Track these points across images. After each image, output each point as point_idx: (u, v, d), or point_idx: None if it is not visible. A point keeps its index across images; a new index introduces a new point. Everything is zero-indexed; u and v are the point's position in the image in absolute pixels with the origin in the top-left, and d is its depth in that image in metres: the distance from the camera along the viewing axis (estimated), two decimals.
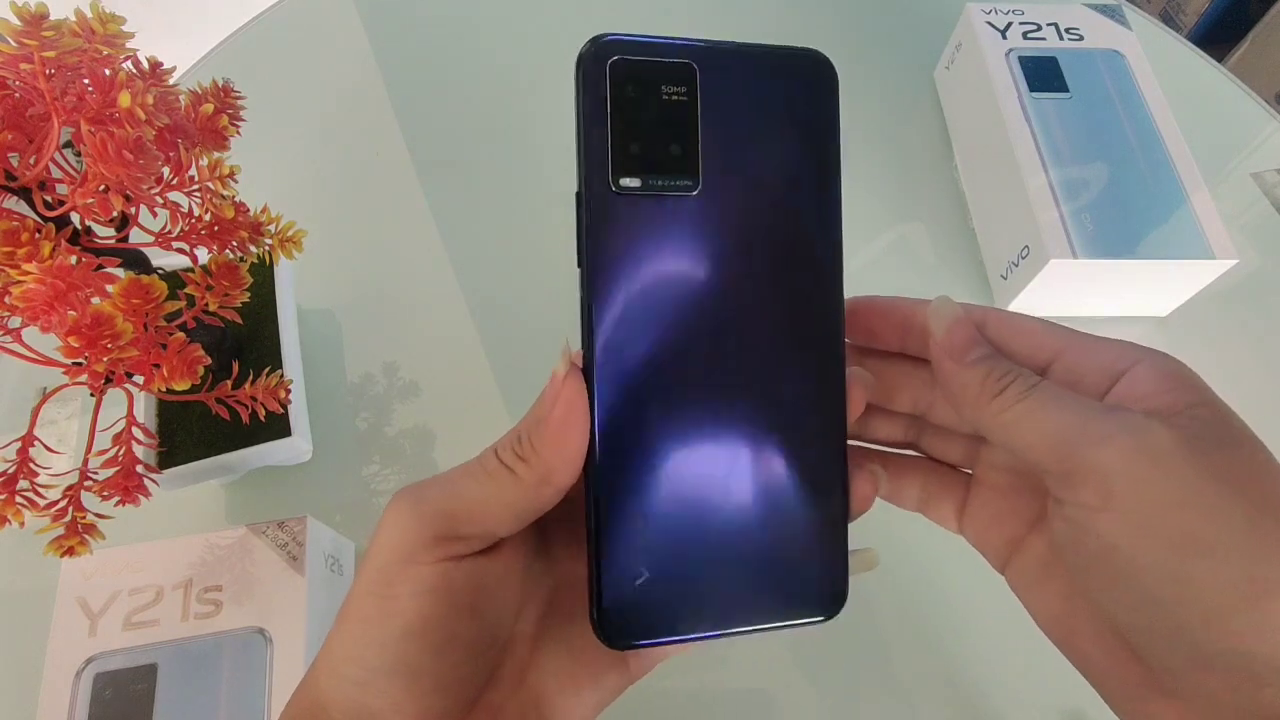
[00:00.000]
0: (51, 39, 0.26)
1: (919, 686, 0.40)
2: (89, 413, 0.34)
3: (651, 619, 0.20)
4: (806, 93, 0.21)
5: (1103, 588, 0.19)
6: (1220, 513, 0.17)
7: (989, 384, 0.21)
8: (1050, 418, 0.19)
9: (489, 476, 0.20)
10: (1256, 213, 0.56)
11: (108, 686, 0.34)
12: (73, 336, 0.27)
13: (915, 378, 0.24)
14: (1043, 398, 0.20)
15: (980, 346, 0.22)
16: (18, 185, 0.28)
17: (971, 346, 0.22)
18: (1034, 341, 0.22)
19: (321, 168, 0.58)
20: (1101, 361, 0.21)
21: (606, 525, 0.20)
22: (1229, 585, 0.17)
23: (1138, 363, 0.20)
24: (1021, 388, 0.20)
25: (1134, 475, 0.18)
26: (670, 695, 0.40)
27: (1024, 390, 0.20)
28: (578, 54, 0.19)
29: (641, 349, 0.20)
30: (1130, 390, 0.20)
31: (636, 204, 0.19)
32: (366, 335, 0.51)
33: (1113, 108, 0.51)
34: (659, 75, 0.20)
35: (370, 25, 0.66)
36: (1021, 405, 0.20)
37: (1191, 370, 0.21)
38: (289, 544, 0.37)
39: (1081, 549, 0.19)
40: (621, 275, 0.19)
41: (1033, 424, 0.20)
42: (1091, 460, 0.18)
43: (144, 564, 0.37)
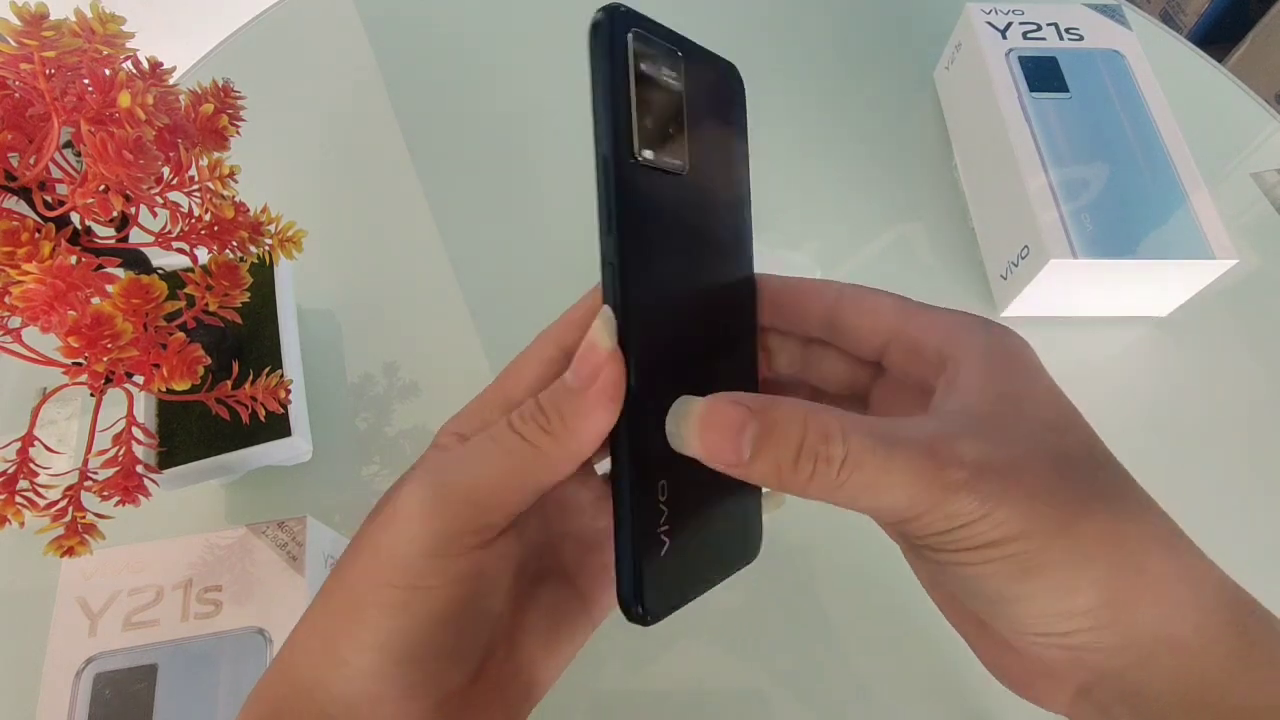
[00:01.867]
0: (51, 39, 0.26)
1: (918, 686, 0.40)
2: (89, 413, 0.34)
3: (673, 589, 0.21)
4: (736, 95, 0.24)
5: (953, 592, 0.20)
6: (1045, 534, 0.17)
7: (788, 479, 0.18)
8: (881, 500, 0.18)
9: (508, 454, 0.19)
10: (1256, 213, 0.56)
11: (108, 686, 0.34)
12: (73, 336, 0.27)
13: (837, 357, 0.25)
14: (864, 479, 0.17)
15: (745, 430, 0.18)
16: (18, 185, 0.28)
17: (735, 444, 0.18)
18: (876, 323, 0.22)
19: (321, 168, 0.58)
20: (930, 343, 0.21)
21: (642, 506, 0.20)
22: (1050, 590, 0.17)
23: (961, 349, 0.20)
24: (831, 473, 0.17)
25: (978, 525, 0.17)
26: (670, 695, 0.40)
27: (836, 475, 0.17)
28: (594, 21, 0.19)
29: (658, 318, 0.20)
30: (951, 385, 0.20)
31: (649, 176, 0.20)
32: (366, 335, 0.51)
33: (1113, 108, 0.51)
34: (662, 57, 0.20)
35: (370, 25, 0.66)
36: (845, 491, 0.18)
37: (1015, 347, 0.21)
38: (289, 544, 0.37)
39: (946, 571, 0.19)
40: (644, 244, 0.20)
41: (863, 508, 0.18)
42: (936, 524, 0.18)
43: (144, 564, 0.37)
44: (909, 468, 0.17)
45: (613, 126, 0.19)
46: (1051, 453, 0.18)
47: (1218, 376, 0.50)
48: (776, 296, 0.24)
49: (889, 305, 0.22)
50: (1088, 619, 0.17)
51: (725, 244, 0.23)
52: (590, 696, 0.40)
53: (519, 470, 0.19)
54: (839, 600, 0.42)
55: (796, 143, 0.59)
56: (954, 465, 0.17)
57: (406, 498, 0.20)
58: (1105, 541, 0.17)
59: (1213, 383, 0.49)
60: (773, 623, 0.42)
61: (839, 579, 0.43)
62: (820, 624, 0.42)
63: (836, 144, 0.59)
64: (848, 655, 0.41)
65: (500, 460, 0.19)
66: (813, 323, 0.24)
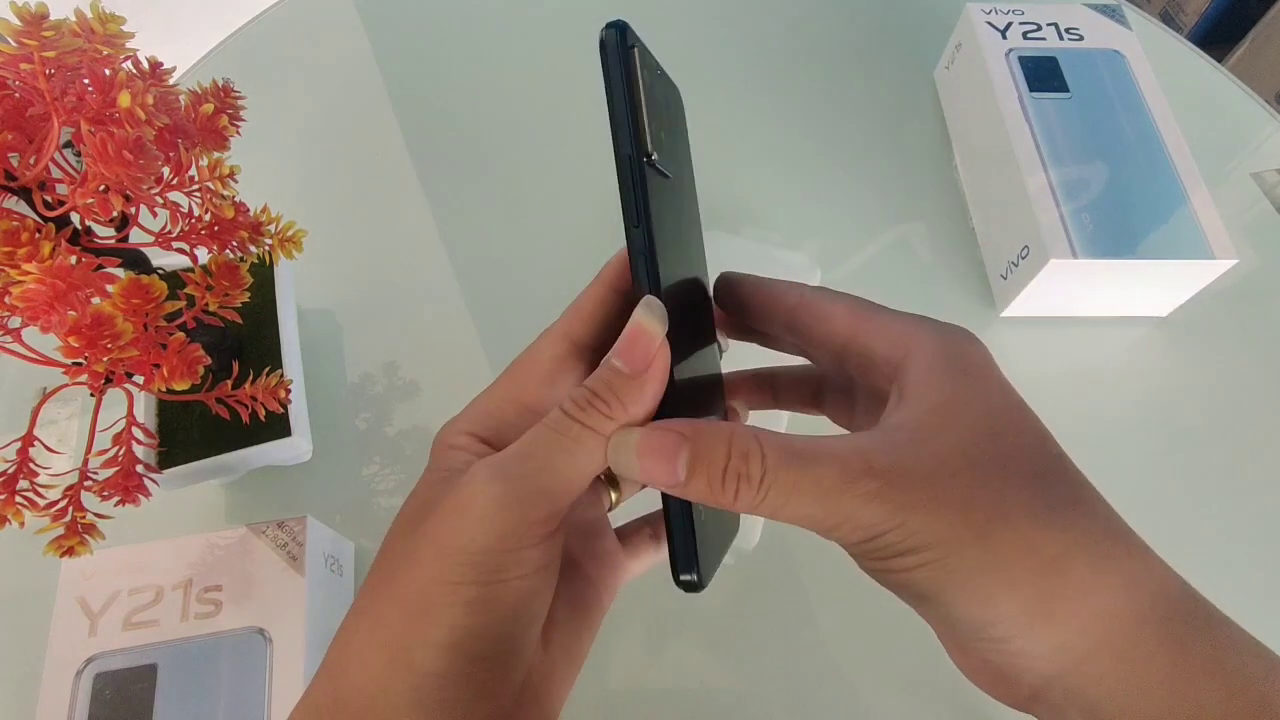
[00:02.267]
0: (51, 39, 0.26)
1: (917, 685, 0.40)
2: (89, 413, 0.34)
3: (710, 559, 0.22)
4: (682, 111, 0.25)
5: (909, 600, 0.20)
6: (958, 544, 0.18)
7: (719, 496, 0.19)
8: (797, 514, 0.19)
9: (575, 442, 0.20)
10: (1256, 213, 0.56)
11: (108, 686, 0.34)
12: (73, 336, 0.27)
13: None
14: (779, 495, 0.18)
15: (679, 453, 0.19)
16: (18, 185, 0.28)
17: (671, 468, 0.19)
18: (833, 327, 0.22)
19: (321, 168, 0.58)
20: (880, 351, 0.21)
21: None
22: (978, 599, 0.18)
23: (909, 354, 0.21)
24: (751, 492, 0.19)
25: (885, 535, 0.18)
26: (670, 695, 0.40)
27: (755, 492, 0.19)
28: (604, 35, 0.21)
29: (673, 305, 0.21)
30: (899, 394, 0.20)
31: (655, 177, 0.21)
32: (366, 335, 0.51)
33: (1113, 108, 0.51)
34: (653, 71, 0.22)
35: (370, 25, 0.66)
36: (765, 507, 0.19)
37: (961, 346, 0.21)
38: (289, 544, 0.37)
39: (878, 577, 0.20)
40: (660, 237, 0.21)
41: (784, 520, 0.19)
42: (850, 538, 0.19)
43: (144, 564, 0.37)
44: (820, 484, 0.18)
45: (633, 128, 0.20)
46: (977, 460, 0.18)
47: (1218, 376, 0.50)
48: (748, 295, 0.24)
49: (842, 311, 0.22)
50: (1014, 626, 0.18)
51: (697, 242, 0.25)
52: (591, 696, 0.40)
53: (586, 458, 0.20)
54: (840, 600, 0.42)
55: (796, 142, 0.59)
56: (865, 477, 0.18)
57: (476, 493, 0.19)
58: (1021, 549, 0.17)
59: (1213, 383, 0.49)
60: (773, 623, 0.42)
61: (840, 579, 0.43)
62: (820, 624, 0.42)
63: (836, 144, 0.59)
64: (848, 655, 0.41)
65: (568, 448, 0.20)
66: (776, 325, 0.24)
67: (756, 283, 0.24)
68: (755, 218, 0.55)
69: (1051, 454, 0.20)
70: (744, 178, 0.56)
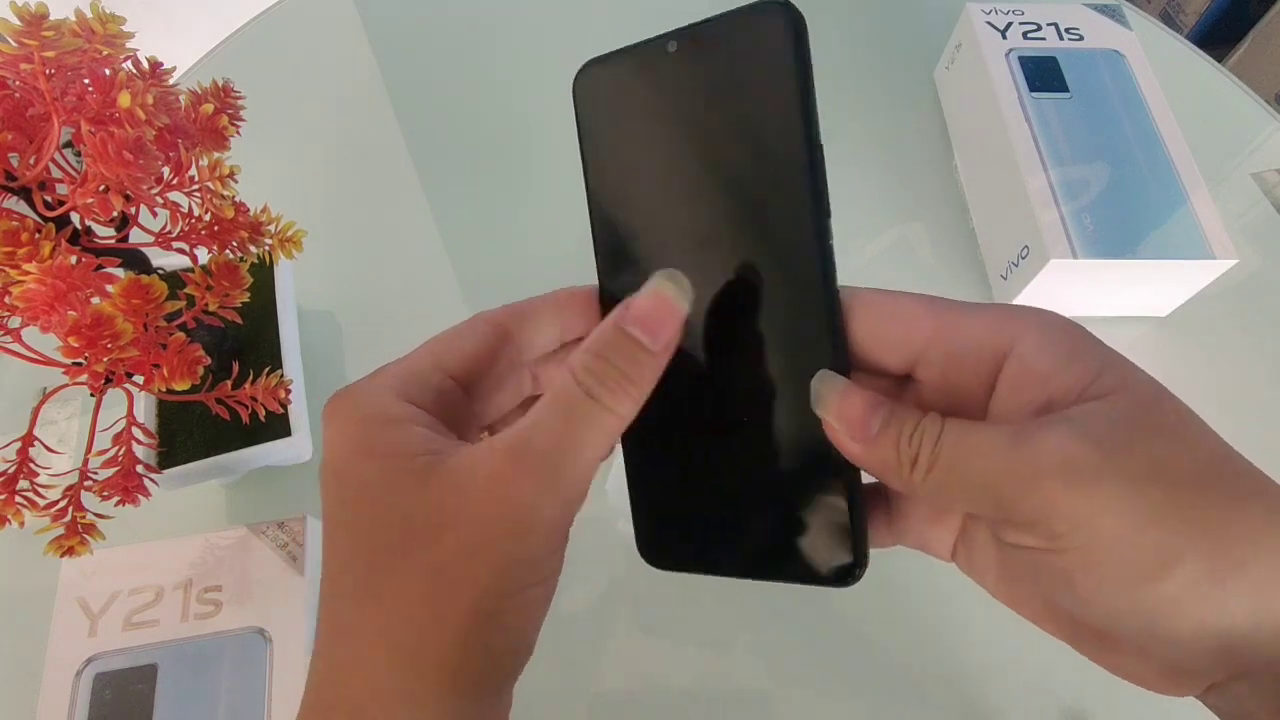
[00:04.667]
0: (51, 39, 0.26)
1: (918, 686, 0.40)
2: (89, 413, 0.34)
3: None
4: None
5: (1060, 600, 0.19)
6: (1161, 522, 0.16)
7: (902, 456, 0.19)
8: (969, 475, 0.18)
9: (591, 426, 0.19)
10: (1256, 213, 0.56)
11: (108, 686, 0.34)
12: (73, 336, 0.27)
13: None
14: (954, 454, 0.18)
15: (875, 413, 0.19)
16: (18, 185, 0.28)
17: (866, 421, 0.19)
18: (906, 327, 0.20)
19: (321, 168, 0.58)
20: (978, 340, 0.19)
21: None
22: (1192, 585, 0.16)
23: (1018, 339, 0.19)
24: (929, 450, 0.18)
25: (1071, 518, 0.17)
26: (669, 695, 0.40)
27: (932, 452, 0.18)
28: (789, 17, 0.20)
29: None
30: (1023, 375, 0.19)
31: None
32: (366, 335, 0.51)
33: (1113, 108, 0.51)
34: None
35: (370, 25, 0.66)
36: (936, 471, 0.18)
37: (1075, 326, 0.19)
38: (289, 544, 0.37)
39: (1034, 576, 0.19)
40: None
41: (954, 487, 0.18)
42: (1025, 512, 0.17)
43: (144, 564, 0.37)
44: (993, 441, 0.17)
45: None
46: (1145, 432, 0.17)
47: (1218, 376, 0.50)
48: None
49: (922, 311, 0.20)
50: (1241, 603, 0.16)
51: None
52: (590, 697, 0.40)
53: (604, 438, 0.19)
54: (840, 600, 0.42)
55: None
56: (1041, 430, 0.17)
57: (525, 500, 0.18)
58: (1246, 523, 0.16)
59: (1213, 383, 0.49)
60: (773, 622, 0.42)
61: None
62: (821, 624, 0.42)
63: (836, 144, 0.58)
64: (849, 655, 0.41)
65: (586, 434, 0.19)
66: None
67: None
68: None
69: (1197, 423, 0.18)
70: None
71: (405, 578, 0.18)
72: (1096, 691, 0.39)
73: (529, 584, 0.19)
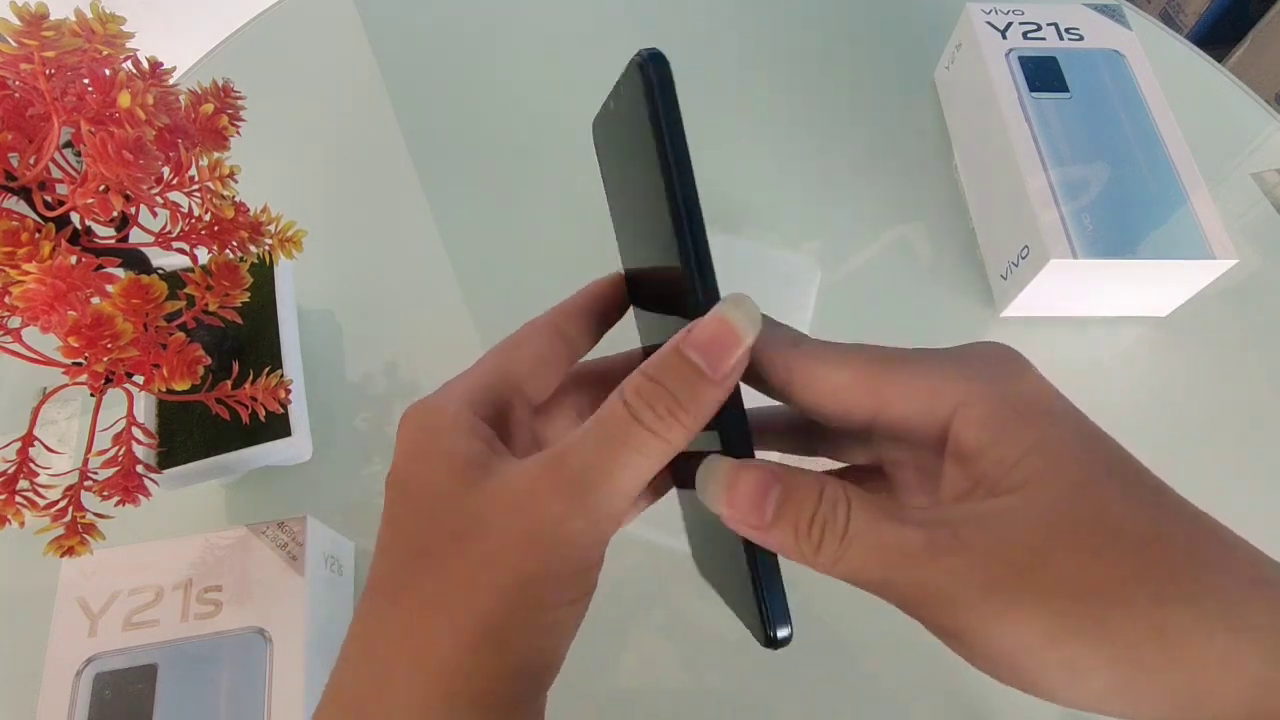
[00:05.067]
0: (51, 39, 0.26)
1: (918, 686, 0.40)
2: (89, 413, 0.34)
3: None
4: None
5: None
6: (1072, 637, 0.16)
7: (803, 544, 0.18)
8: (879, 579, 0.17)
9: (638, 452, 0.18)
10: (1256, 213, 0.56)
11: (108, 686, 0.34)
12: (73, 336, 0.27)
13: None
14: (862, 553, 0.17)
15: (767, 497, 0.18)
16: (18, 185, 0.28)
17: (760, 506, 0.18)
18: (847, 401, 0.19)
19: (321, 168, 0.58)
20: (919, 410, 0.18)
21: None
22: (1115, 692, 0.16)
23: (958, 407, 0.18)
24: (834, 544, 0.17)
25: (984, 637, 0.16)
26: (668, 695, 0.40)
27: (838, 544, 0.17)
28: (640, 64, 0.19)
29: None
30: (956, 450, 0.18)
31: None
32: (366, 335, 0.51)
33: (1113, 108, 0.51)
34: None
35: (370, 25, 0.66)
36: (844, 564, 0.17)
37: (1014, 386, 0.18)
38: (289, 544, 0.37)
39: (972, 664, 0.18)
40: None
41: (866, 585, 0.18)
42: (938, 625, 0.17)
43: (144, 564, 0.37)
44: (903, 548, 0.17)
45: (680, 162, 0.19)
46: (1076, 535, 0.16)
47: (1218, 376, 0.50)
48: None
49: (848, 380, 0.19)
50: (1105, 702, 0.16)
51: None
52: (593, 697, 0.40)
53: (648, 466, 0.18)
54: (841, 601, 0.42)
55: (797, 143, 0.59)
56: (951, 553, 0.16)
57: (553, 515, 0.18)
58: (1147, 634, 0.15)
59: (1213, 383, 0.49)
60: None
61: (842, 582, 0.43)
62: (822, 624, 0.42)
63: (837, 144, 0.59)
64: (850, 656, 0.41)
65: (632, 460, 0.18)
66: (771, 387, 0.20)
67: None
68: (755, 218, 0.55)
69: (1160, 499, 0.17)
70: (744, 178, 0.56)
71: (427, 581, 0.18)
72: None
73: (551, 603, 0.18)
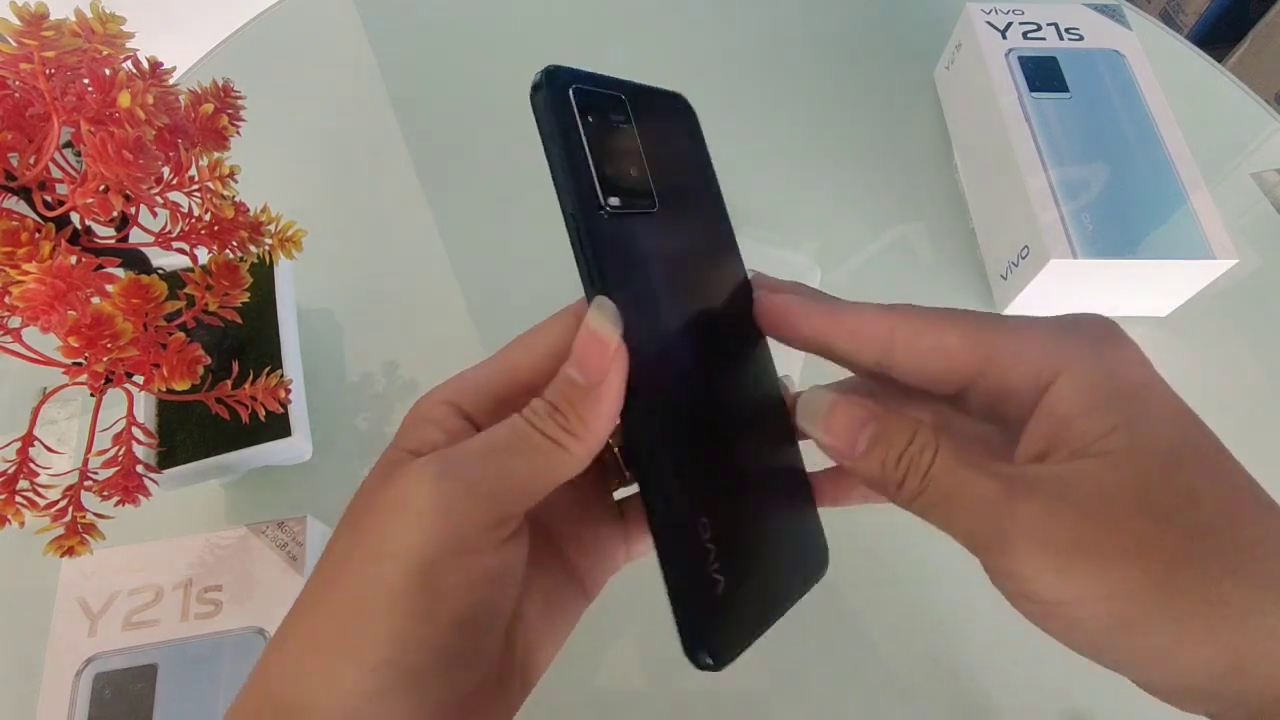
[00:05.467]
0: (51, 39, 0.26)
1: (919, 686, 0.40)
2: (89, 413, 0.34)
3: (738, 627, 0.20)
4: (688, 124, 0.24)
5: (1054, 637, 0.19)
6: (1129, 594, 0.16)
7: (888, 477, 0.19)
8: (953, 518, 0.18)
9: (536, 451, 0.19)
10: (1256, 213, 0.56)
11: (107, 686, 0.34)
12: (73, 336, 0.27)
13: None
14: (941, 492, 0.18)
15: (862, 430, 0.19)
16: (18, 185, 0.28)
17: (853, 437, 0.19)
18: (952, 362, 0.20)
19: (321, 168, 0.58)
20: (1025, 374, 0.19)
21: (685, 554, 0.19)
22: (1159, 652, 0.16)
23: (1059, 374, 0.19)
24: (916, 481, 0.18)
25: (1044, 579, 0.17)
26: (669, 695, 0.40)
27: (920, 483, 0.18)
28: (534, 83, 0.20)
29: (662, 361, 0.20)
30: (1048, 411, 0.19)
31: (621, 222, 0.20)
32: (366, 335, 0.51)
33: (1113, 108, 0.51)
34: (606, 104, 0.21)
35: (370, 25, 0.66)
36: (922, 501, 0.18)
37: (1121, 361, 0.19)
38: (289, 544, 0.37)
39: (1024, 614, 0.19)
40: (632, 291, 0.20)
41: (938, 521, 0.18)
42: (1002, 568, 0.17)
43: (144, 564, 0.37)
44: (980, 495, 0.17)
45: (575, 185, 0.19)
46: (1155, 501, 0.17)
47: (1218, 376, 0.50)
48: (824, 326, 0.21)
49: (959, 344, 0.19)
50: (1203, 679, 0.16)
51: (711, 264, 0.23)
52: (590, 697, 0.40)
53: (548, 469, 0.19)
54: (841, 601, 0.42)
55: (796, 143, 0.59)
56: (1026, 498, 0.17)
57: (418, 490, 0.18)
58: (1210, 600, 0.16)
59: (1213, 383, 0.49)
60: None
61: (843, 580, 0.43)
62: (820, 624, 0.42)
63: (837, 144, 0.59)
64: (849, 655, 0.41)
65: (529, 456, 0.19)
66: (865, 363, 0.21)
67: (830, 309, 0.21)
68: (755, 218, 0.55)
69: (1238, 484, 0.18)
70: (743, 178, 0.56)
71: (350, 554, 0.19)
72: (1097, 692, 0.39)
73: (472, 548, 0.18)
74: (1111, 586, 0.16)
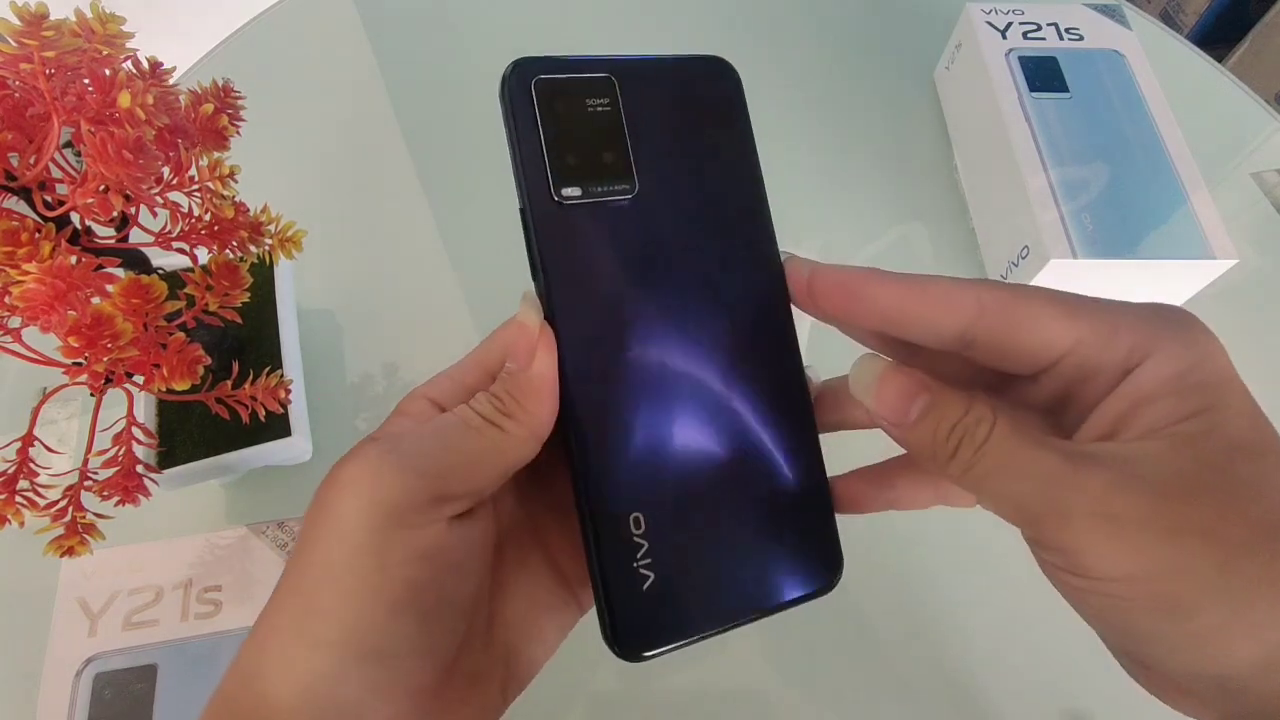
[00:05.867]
0: (51, 39, 0.26)
1: (919, 686, 0.40)
2: (89, 413, 0.34)
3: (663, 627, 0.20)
4: (715, 95, 0.23)
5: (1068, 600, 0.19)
6: (1188, 574, 0.16)
7: (938, 448, 0.18)
8: (1007, 490, 0.18)
9: (475, 432, 0.20)
10: (1256, 213, 0.56)
11: (107, 686, 0.34)
12: (73, 336, 0.27)
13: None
14: (996, 463, 0.18)
15: (914, 401, 0.19)
16: (18, 185, 0.28)
17: (905, 406, 0.19)
18: (1045, 337, 0.19)
19: (321, 167, 0.58)
20: (1116, 354, 0.19)
21: (608, 545, 0.20)
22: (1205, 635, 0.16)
23: (1149, 356, 0.18)
24: (969, 453, 0.18)
25: (1099, 552, 0.16)
26: (668, 695, 0.40)
27: (973, 455, 0.18)
28: (501, 77, 0.20)
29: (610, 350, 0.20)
30: (1131, 395, 0.18)
31: (580, 211, 0.20)
32: (366, 335, 0.51)
33: (1113, 108, 0.51)
34: (581, 89, 0.21)
35: (370, 25, 0.66)
36: (975, 472, 0.18)
37: (1208, 349, 0.18)
38: (289, 544, 0.37)
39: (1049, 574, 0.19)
40: (579, 280, 0.20)
41: (990, 495, 0.18)
42: (1057, 541, 0.17)
43: (144, 564, 0.37)
44: (1038, 466, 0.17)
45: (525, 176, 0.20)
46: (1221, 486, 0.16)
47: None
48: (905, 296, 0.21)
49: (1051, 320, 0.19)
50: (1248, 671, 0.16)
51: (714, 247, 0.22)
52: (588, 697, 0.40)
53: (492, 449, 0.20)
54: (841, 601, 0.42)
55: (796, 143, 0.59)
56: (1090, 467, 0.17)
57: (360, 467, 0.19)
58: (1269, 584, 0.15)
59: None
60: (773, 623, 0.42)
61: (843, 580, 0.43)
62: (820, 624, 0.42)
63: (836, 144, 0.59)
64: (849, 655, 0.41)
65: (471, 437, 0.20)
66: (944, 337, 0.20)
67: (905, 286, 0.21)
68: None
69: None
70: None
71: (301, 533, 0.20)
72: (1097, 692, 0.39)
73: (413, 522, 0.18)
74: (1171, 564, 0.16)
